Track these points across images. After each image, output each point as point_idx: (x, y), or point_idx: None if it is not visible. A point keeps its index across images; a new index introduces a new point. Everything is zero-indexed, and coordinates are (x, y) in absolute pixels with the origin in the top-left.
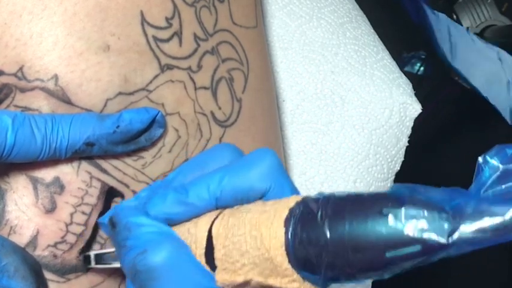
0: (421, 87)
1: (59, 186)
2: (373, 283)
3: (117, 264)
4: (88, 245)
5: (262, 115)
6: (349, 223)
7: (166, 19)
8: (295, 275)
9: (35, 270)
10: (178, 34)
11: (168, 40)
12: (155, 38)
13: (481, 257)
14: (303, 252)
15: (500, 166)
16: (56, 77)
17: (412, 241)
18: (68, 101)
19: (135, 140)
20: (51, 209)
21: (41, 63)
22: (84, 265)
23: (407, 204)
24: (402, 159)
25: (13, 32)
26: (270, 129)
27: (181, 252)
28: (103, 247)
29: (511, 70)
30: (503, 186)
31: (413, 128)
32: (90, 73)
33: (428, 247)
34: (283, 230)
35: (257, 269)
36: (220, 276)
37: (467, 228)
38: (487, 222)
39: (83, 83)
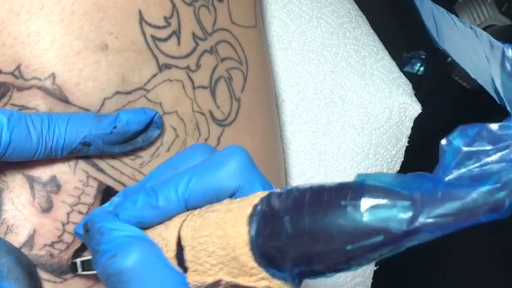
0: (421, 87)
1: (55, 185)
2: (373, 283)
3: None
4: (84, 245)
5: (261, 114)
6: (309, 217)
7: (165, 18)
8: (263, 273)
9: (29, 271)
10: (176, 33)
11: (166, 39)
12: (153, 37)
13: (481, 257)
14: (267, 249)
15: (463, 148)
16: (53, 76)
17: (373, 231)
18: (65, 100)
19: (132, 140)
20: (47, 208)
21: (39, 62)
22: (70, 272)
23: (367, 193)
24: (402, 159)
25: (11, 31)
26: (269, 128)
27: (152, 254)
28: None
29: (486, 43)
30: (467, 169)
31: (413, 128)
32: (88, 72)
33: (390, 236)
34: (246, 227)
35: (225, 269)
36: (191, 278)
37: (429, 214)
38: (448, 206)
39: (80, 82)
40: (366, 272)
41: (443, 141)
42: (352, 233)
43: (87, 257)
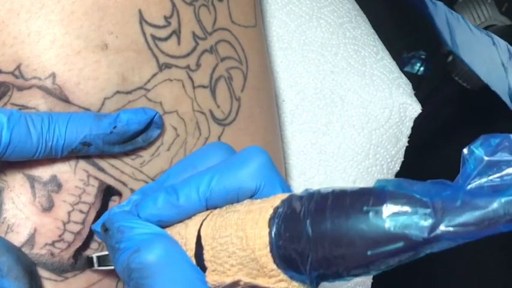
0: (421, 87)
1: (56, 184)
2: (373, 283)
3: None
4: (86, 244)
5: (261, 114)
6: (331, 221)
7: (165, 18)
8: (282, 275)
9: (29, 270)
10: (176, 33)
11: (166, 39)
12: (153, 37)
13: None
14: (287, 252)
15: (485, 158)
16: (53, 76)
17: (393, 238)
18: (65, 100)
19: (132, 140)
20: (48, 208)
21: (39, 61)
22: (86, 266)
23: (388, 200)
24: (402, 159)
25: (11, 30)
26: (269, 128)
27: (174, 250)
28: (100, 246)
29: (504, 52)
30: (488, 178)
31: (413, 128)
32: (88, 72)
33: (411, 243)
34: (267, 229)
35: (245, 270)
36: (210, 278)
37: (450, 223)
38: (469, 215)
39: (80, 82)
40: None
41: (465, 150)
42: (373, 238)
43: (103, 252)
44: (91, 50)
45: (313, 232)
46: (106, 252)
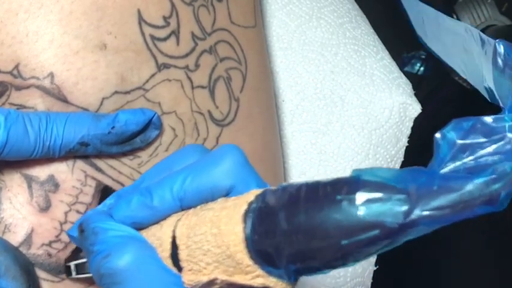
0: (421, 87)
1: (53, 184)
2: (372, 283)
3: None
4: None
5: (260, 115)
6: (305, 212)
7: (164, 18)
8: (259, 271)
9: (27, 270)
10: (175, 33)
11: (165, 39)
12: (152, 37)
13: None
14: (263, 247)
15: (458, 141)
16: (51, 75)
17: (368, 226)
18: (63, 99)
19: (131, 141)
20: (45, 208)
21: (37, 61)
22: (66, 275)
23: (362, 188)
24: (402, 159)
25: (9, 30)
26: (269, 128)
27: (146, 254)
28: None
29: (477, 41)
30: (462, 162)
31: (413, 128)
32: (87, 71)
33: (386, 230)
34: (241, 225)
35: (221, 268)
36: (186, 277)
37: (425, 207)
38: (444, 199)
39: (79, 82)
40: (366, 272)
41: (438, 135)
42: (348, 227)
43: (81, 260)
44: (90, 50)
45: (287, 225)
46: (82, 261)
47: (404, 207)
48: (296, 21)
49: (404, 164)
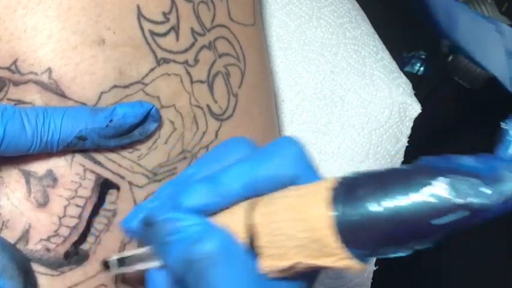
0: (421, 87)
1: (52, 179)
2: (372, 283)
3: (144, 266)
4: (82, 238)
5: (260, 115)
6: (392, 197)
7: (164, 14)
8: (344, 253)
9: (24, 268)
10: (175, 29)
11: (164, 34)
12: (152, 32)
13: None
14: (350, 230)
15: None
16: (49, 70)
17: (457, 207)
18: (61, 94)
19: (129, 134)
20: (43, 203)
21: (35, 56)
22: (105, 270)
23: (444, 173)
24: (402, 159)
25: (7, 26)
26: (267, 126)
27: (229, 240)
28: (98, 240)
29: (510, 40)
30: None
31: (413, 128)
32: (85, 66)
33: (475, 211)
34: (328, 210)
35: (305, 252)
36: (267, 263)
37: (508, 187)
38: None
39: (77, 77)
40: (365, 272)
41: (503, 124)
42: (437, 209)
43: (121, 254)
44: (88, 45)
45: (376, 209)
46: (125, 254)
47: (490, 189)
48: (296, 21)
49: (404, 164)
